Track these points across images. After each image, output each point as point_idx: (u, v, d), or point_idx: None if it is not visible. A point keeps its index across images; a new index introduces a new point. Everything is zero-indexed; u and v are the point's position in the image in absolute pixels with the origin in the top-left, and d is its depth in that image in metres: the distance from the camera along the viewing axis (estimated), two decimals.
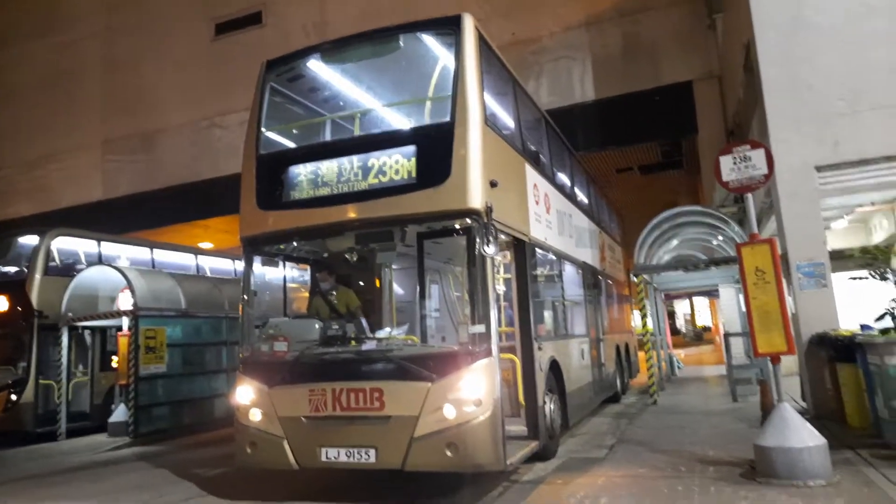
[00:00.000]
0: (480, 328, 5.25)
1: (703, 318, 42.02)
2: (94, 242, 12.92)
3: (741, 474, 5.44)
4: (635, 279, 11.78)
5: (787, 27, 8.70)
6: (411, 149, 5.67)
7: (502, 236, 5.93)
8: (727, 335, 12.05)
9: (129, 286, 10.67)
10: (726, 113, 14.53)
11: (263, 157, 6.38)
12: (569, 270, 8.92)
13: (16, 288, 11.56)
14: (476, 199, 5.36)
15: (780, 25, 8.77)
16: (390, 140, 5.91)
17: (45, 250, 11.79)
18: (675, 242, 14.08)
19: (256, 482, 6.57)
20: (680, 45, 15.26)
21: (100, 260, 12.48)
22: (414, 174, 5.57)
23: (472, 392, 5.08)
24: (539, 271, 7.38)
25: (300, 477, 6.36)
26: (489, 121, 5.87)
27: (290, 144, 6.83)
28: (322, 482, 6.42)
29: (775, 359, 5.62)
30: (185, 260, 14.75)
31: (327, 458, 5.45)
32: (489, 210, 5.35)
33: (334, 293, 7.00)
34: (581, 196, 10.66)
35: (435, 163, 5.52)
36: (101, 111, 21.40)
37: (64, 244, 12.40)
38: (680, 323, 44.64)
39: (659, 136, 16.40)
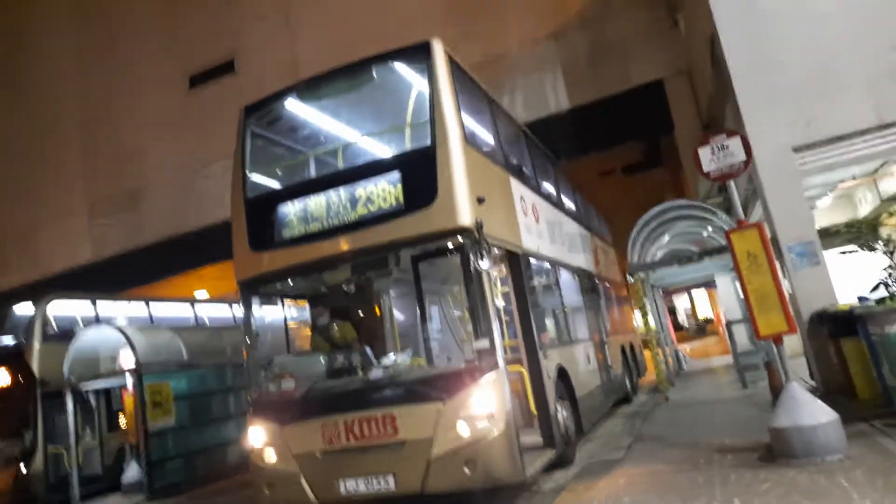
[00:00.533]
0: (484, 343, 5.30)
1: (704, 311, 42.06)
2: (89, 304, 12.87)
3: (759, 458, 5.46)
4: (632, 278, 11.85)
5: (746, 16, 8.91)
6: (396, 175, 5.76)
7: (495, 250, 5.99)
8: (729, 324, 12.10)
9: (130, 344, 10.63)
10: (700, 107, 14.76)
11: (251, 200, 6.45)
12: (565, 277, 8.98)
13: (16, 359, 11.48)
14: (465, 216, 5.43)
15: (738, 16, 8.98)
16: (375, 169, 6.00)
17: (42, 317, 11.74)
18: (666, 238, 14.17)
19: None
20: (646, 46, 15.56)
21: (97, 320, 12.43)
22: (402, 199, 5.66)
23: (484, 407, 5.12)
24: (536, 281, 7.45)
25: None
26: (469, 139, 5.97)
27: (277, 185, 6.91)
28: None
29: (778, 339, 5.67)
30: (182, 311, 14.71)
31: (346, 490, 5.44)
32: (479, 226, 5.42)
33: (334, 327, 7.03)
34: (568, 203, 10.77)
35: (421, 186, 5.61)
36: (83, 175, 21.55)
37: (60, 309, 12.35)
38: (682, 318, 44.65)
39: (636, 137, 16.68)
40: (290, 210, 6.11)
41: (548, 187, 9.45)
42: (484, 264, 5.31)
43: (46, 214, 21.65)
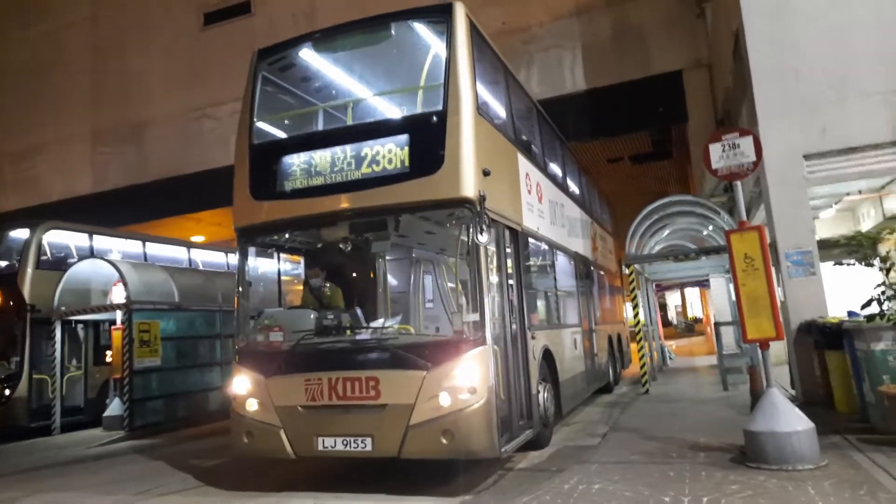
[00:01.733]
0: (474, 317, 5.29)
1: (695, 310, 42.32)
2: (85, 236, 12.86)
3: (731, 459, 5.54)
4: (627, 269, 11.86)
5: (775, 14, 8.77)
6: (404, 138, 5.70)
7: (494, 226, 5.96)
8: (717, 325, 12.17)
9: (122, 279, 10.65)
10: (716, 101, 14.60)
11: (256, 147, 6.38)
12: (561, 261, 8.97)
13: (8, 282, 11.51)
14: (469, 187, 5.39)
15: (767, 12, 8.83)
16: (383, 129, 5.93)
17: (37, 244, 11.74)
18: (666, 232, 14.18)
19: (252, 472, 6.62)
20: (670, 33, 15.30)
21: (91, 253, 12.43)
22: (407, 163, 5.60)
23: (467, 380, 5.15)
24: (532, 261, 7.44)
25: (297, 466, 6.40)
26: (481, 109, 5.89)
27: (283, 134, 6.83)
28: (318, 471, 6.46)
29: (764, 345, 5.70)
30: (177, 253, 14.72)
31: (324, 447, 5.50)
32: (482, 199, 5.39)
33: (326, 289, 7.03)
34: (573, 186, 10.71)
35: (428, 152, 5.55)
36: (88, 102, 21.22)
37: (55, 238, 12.34)
38: (671, 315, 44.93)
39: (649, 126, 16.47)
40: (295, 161, 6.04)
41: (554, 168, 9.38)
42: (483, 238, 5.29)
43: (48, 138, 21.37)
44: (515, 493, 5.07)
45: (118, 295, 10.81)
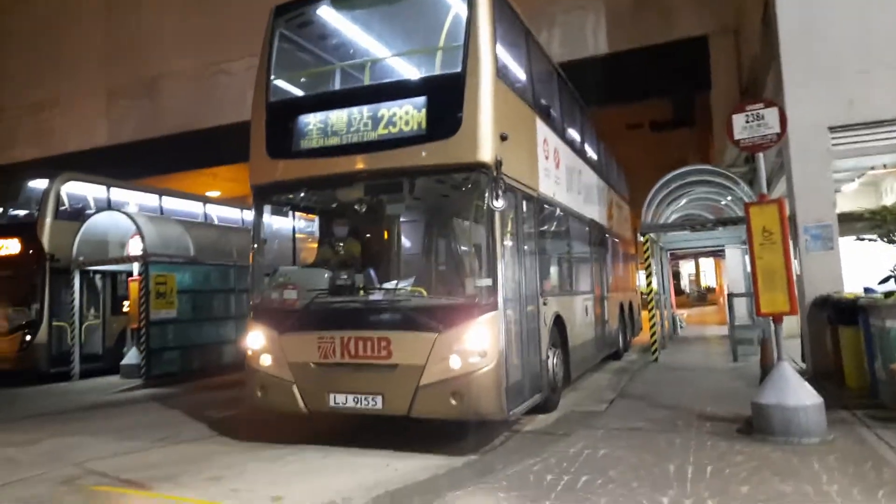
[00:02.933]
0: (487, 282, 5.31)
1: (708, 279, 42.15)
2: (102, 188, 12.96)
3: (737, 430, 5.58)
4: (642, 238, 11.79)
5: None
6: (421, 99, 5.63)
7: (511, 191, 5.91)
8: (731, 296, 12.12)
9: (139, 232, 10.76)
10: (741, 69, 14.25)
11: (273, 105, 6.35)
12: (576, 227, 8.93)
13: (27, 230, 11.68)
14: (486, 152, 5.34)
15: None
16: (400, 90, 5.87)
17: (56, 194, 11.85)
18: (683, 202, 14.03)
19: (265, 425, 6.78)
20: None
21: (109, 205, 12.53)
22: (424, 125, 5.55)
23: (478, 343, 5.20)
24: (547, 227, 7.41)
25: (308, 421, 6.53)
26: (501, 72, 5.80)
27: (300, 93, 6.78)
28: (329, 426, 6.60)
29: (777, 318, 5.67)
30: (193, 208, 14.80)
31: (335, 403, 5.62)
32: (499, 164, 5.34)
33: (348, 240, 7.01)
34: (591, 152, 10.58)
35: (445, 114, 5.49)
36: (103, 55, 21.10)
37: (74, 189, 12.45)
38: (684, 283, 44.80)
39: (671, 92, 16.16)
40: (311, 120, 6.01)
41: (572, 133, 9.25)
42: (498, 204, 5.26)
43: (65, 90, 21.34)
44: (522, 454, 5.16)
45: (135, 247, 10.94)
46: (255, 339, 6.07)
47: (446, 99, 5.53)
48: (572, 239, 8.61)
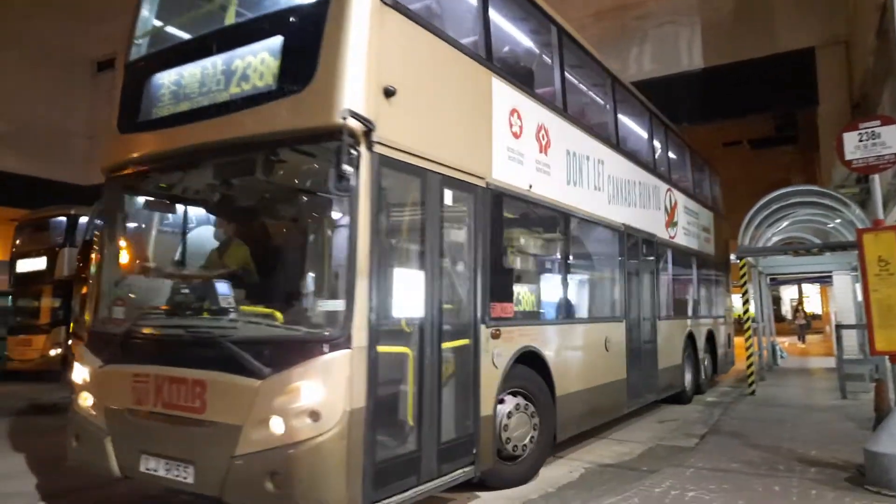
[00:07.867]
0: (336, 304, 3.76)
1: (812, 306, 39.40)
2: None
3: (847, 479, 5.05)
4: (738, 261, 11.12)
5: None
6: (277, 41, 4.15)
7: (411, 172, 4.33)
8: (839, 326, 11.17)
9: None
10: (852, 83, 13.26)
11: (130, 67, 5.11)
12: (586, 233, 7.29)
13: None
14: (340, 111, 3.69)
15: None
16: (256, 30, 4.34)
17: None
18: (784, 223, 13.18)
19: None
20: (801, 7, 14.03)
21: None
22: (276, 77, 4.08)
23: (309, 399, 3.58)
24: (515, 229, 6.01)
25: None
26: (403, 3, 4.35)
27: (164, 46, 5.27)
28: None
29: (894, 358, 5.13)
30: None
31: (147, 468, 4.13)
32: (368, 129, 3.78)
33: (232, 245, 5.18)
34: (633, 139, 8.88)
35: (300, 59, 4.01)
36: None
37: None
38: (786, 309, 42.06)
39: (773, 108, 15.31)
40: (164, 82, 4.70)
41: (589, 111, 7.70)
42: (361, 187, 3.73)
43: None
44: (601, 491, 4.86)
45: None
46: (79, 372, 4.68)
47: (304, 38, 4.05)
48: (578, 248, 7.06)
